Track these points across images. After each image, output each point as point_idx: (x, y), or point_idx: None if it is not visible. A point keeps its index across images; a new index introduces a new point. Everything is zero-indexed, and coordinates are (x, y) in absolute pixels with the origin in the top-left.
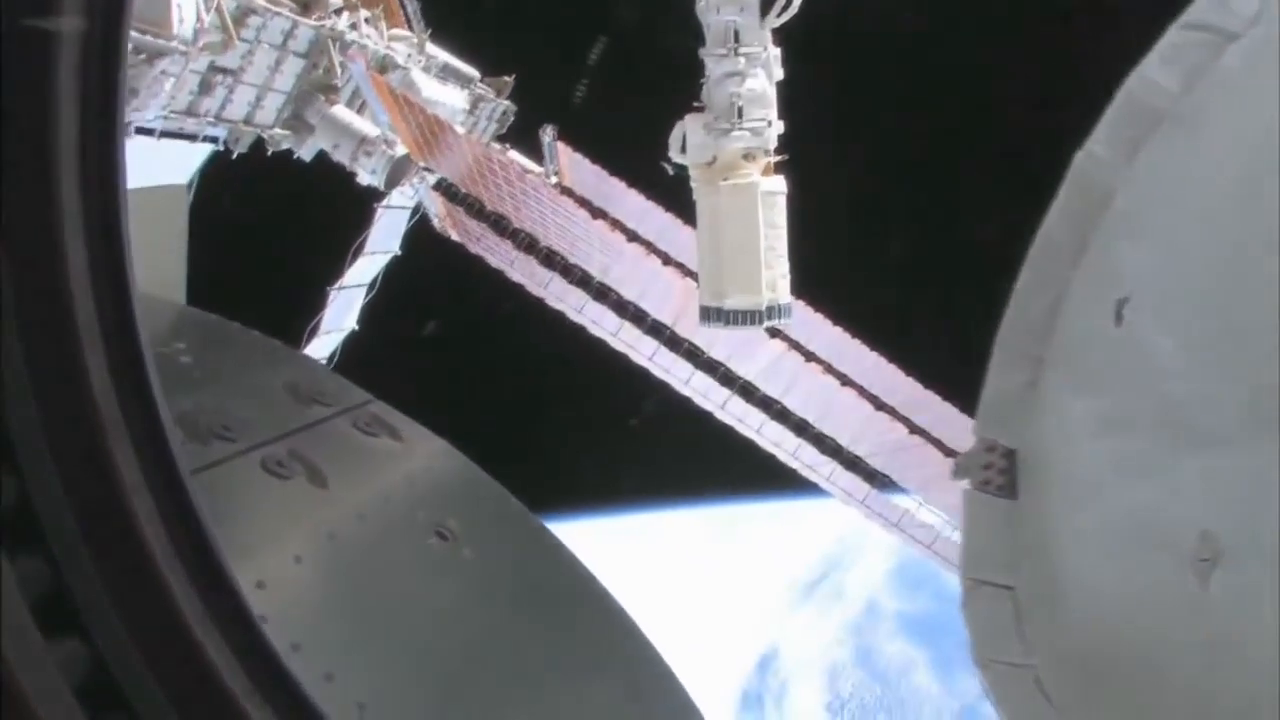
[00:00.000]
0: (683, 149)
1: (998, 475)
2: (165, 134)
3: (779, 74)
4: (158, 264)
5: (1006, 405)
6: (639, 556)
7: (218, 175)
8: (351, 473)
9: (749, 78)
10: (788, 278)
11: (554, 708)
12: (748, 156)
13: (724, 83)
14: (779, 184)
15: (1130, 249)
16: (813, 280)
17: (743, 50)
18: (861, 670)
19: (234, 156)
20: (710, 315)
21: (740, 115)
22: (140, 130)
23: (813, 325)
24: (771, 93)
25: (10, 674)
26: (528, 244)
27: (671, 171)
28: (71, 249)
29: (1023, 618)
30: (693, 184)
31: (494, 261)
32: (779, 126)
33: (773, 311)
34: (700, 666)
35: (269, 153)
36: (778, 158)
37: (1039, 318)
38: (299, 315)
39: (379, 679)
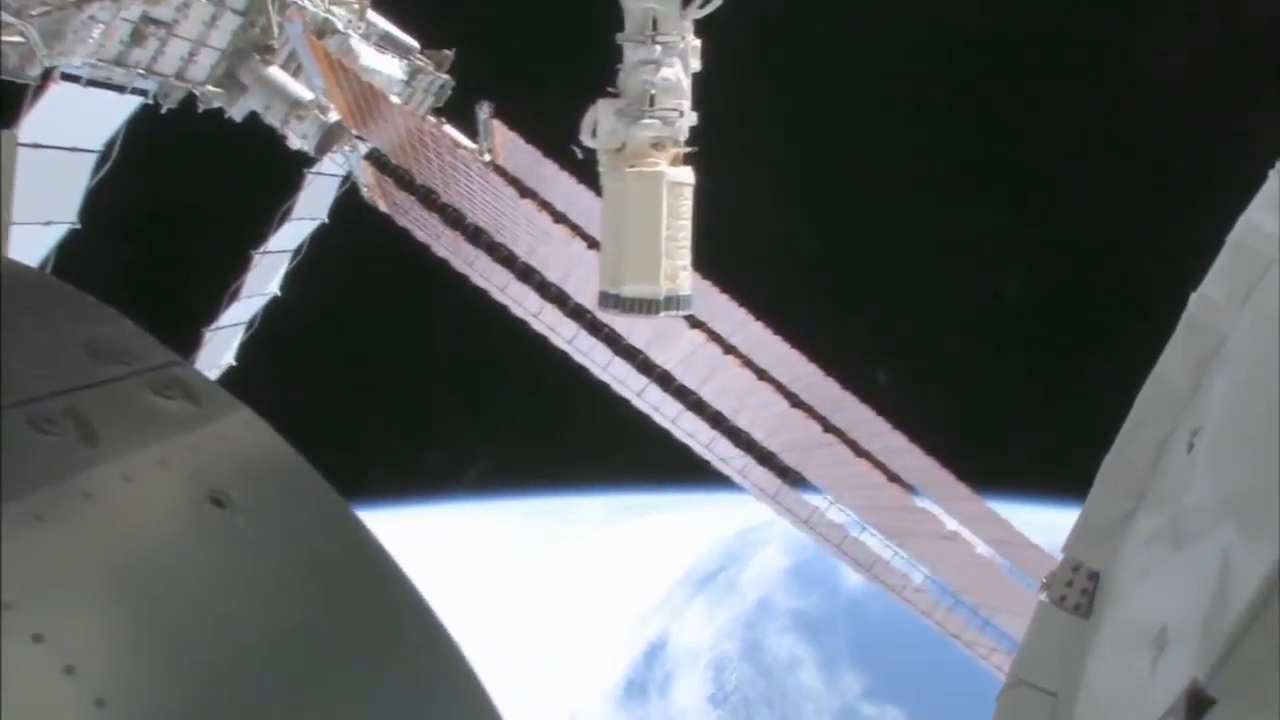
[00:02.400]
0: (594, 133)
1: (1078, 594)
2: (92, 83)
3: (696, 66)
4: None
5: (1099, 532)
6: (544, 539)
7: (144, 129)
8: (130, 434)
9: (664, 67)
10: (689, 269)
11: (316, 694)
12: (657, 145)
13: (638, 70)
14: (686, 175)
15: (1218, 384)
16: (735, 275)
17: (660, 39)
18: (747, 665)
19: (163, 111)
20: (608, 301)
21: (652, 103)
22: (66, 76)
23: (734, 318)
24: (686, 84)
25: None
26: (455, 220)
27: (581, 155)
28: None
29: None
30: (600, 169)
31: (421, 235)
32: (692, 118)
33: (671, 302)
34: (588, 653)
35: (199, 110)
36: (688, 149)
37: (1144, 453)
38: (221, 277)
39: (118, 654)
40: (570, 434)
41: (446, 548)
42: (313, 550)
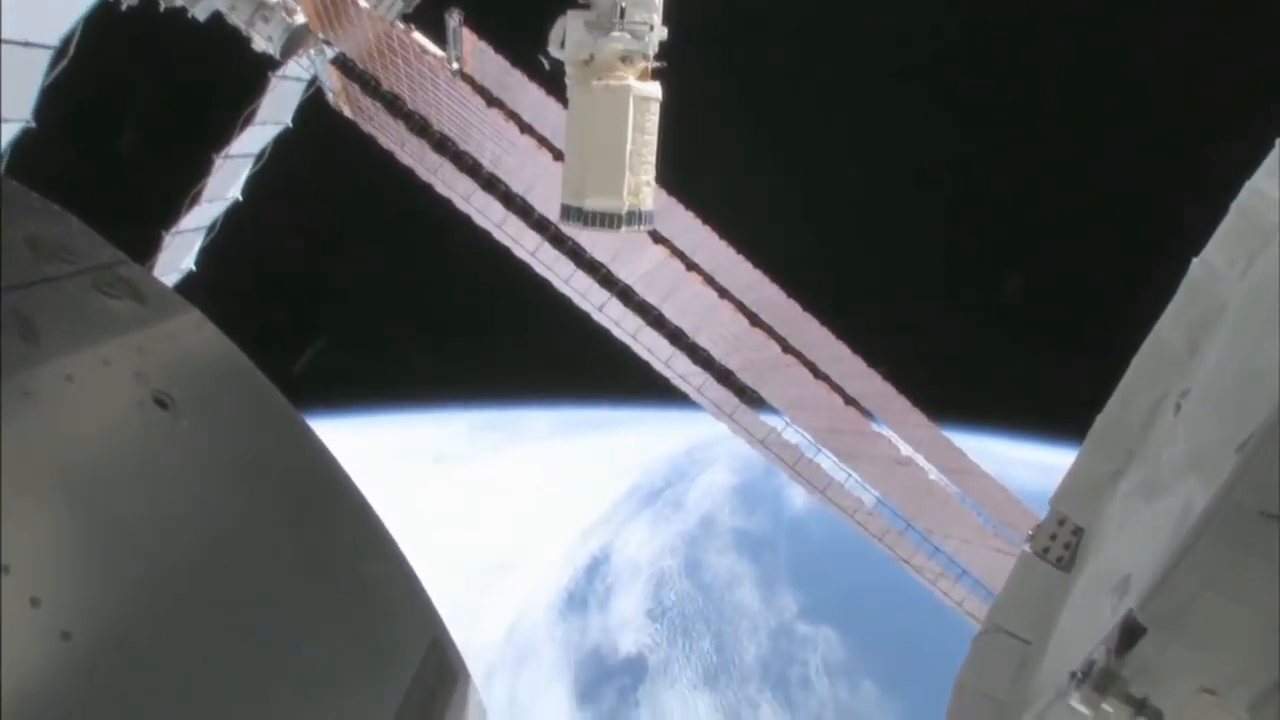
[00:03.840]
0: (563, 44)
1: (1060, 548)
2: None
3: None
4: None
5: (1087, 488)
6: (500, 450)
7: (104, 26)
8: (73, 333)
9: None
10: (652, 185)
11: (254, 596)
12: (625, 59)
13: None
14: (654, 90)
15: (1212, 348)
16: (700, 192)
17: None
18: (687, 581)
19: (124, 8)
20: (569, 214)
21: (622, 16)
22: None
23: (697, 236)
24: None
25: None
26: (420, 127)
27: (549, 66)
28: None
29: (1023, 667)
30: (567, 81)
31: (385, 142)
32: (662, 33)
33: (633, 217)
34: (531, 565)
35: (161, 8)
36: (657, 64)
37: (1138, 414)
38: (182, 181)
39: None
40: (527, 348)
41: (394, 457)
42: (256, 453)
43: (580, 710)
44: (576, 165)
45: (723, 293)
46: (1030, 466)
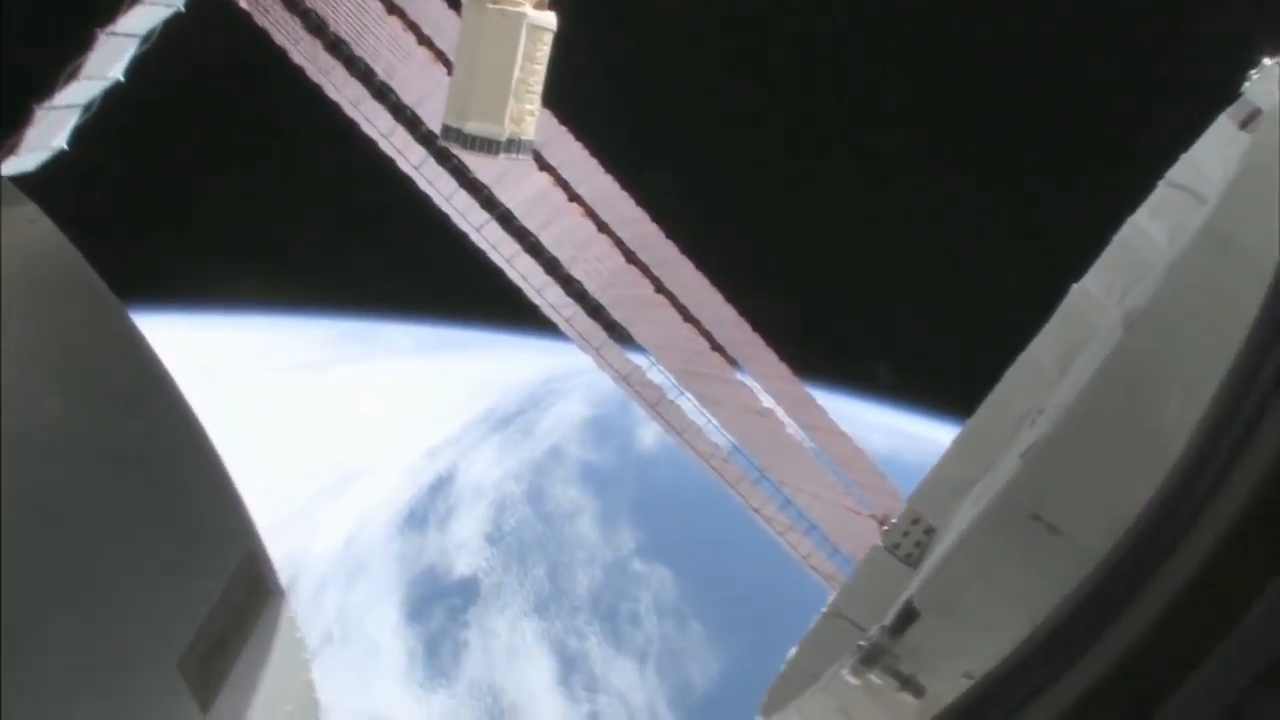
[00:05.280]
0: None
1: (911, 545)
2: None
3: None
4: None
5: (945, 491)
6: (361, 361)
7: None
8: None
9: None
10: (536, 116)
11: (69, 499)
12: None
13: None
14: (548, 20)
15: (1072, 371)
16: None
17: None
18: (529, 508)
19: None
20: (450, 135)
21: None
22: None
23: (584, 167)
24: None
25: None
26: (316, 27)
27: None
28: None
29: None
30: (464, 1)
31: (278, 38)
32: None
33: (512, 145)
34: (373, 480)
35: None
36: None
37: (1002, 427)
38: (60, 54)
39: None
40: (399, 262)
41: (247, 361)
42: (78, 352)
43: (408, 627)
44: (462, 86)
45: (602, 226)
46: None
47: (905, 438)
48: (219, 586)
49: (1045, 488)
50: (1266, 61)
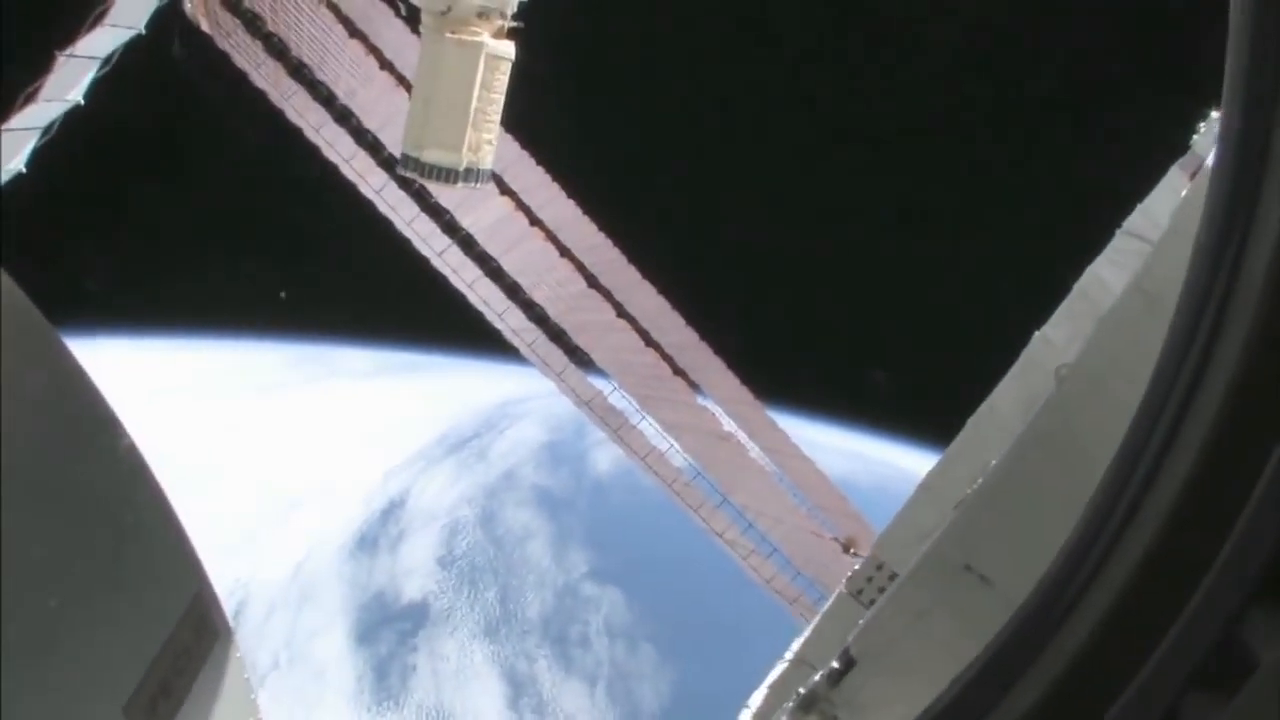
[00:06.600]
0: None
1: (875, 591)
2: None
3: None
4: None
5: (910, 537)
6: (317, 384)
7: None
8: None
9: None
10: (494, 144)
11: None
12: (483, 15)
13: None
14: (507, 50)
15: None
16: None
17: None
18: (481, 532)
19: None
20: (408, 164)
21: None
22: None
23: (546, 193)
24: None
25: None
26: (278, 51)
27: (405, 12)
28: None
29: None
30: (422, 29)
31: (240, 62)
32: None
33: (470, 174)
34: (328, 503)
35: None
36: (514, 24)
37: (965, 474)
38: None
39: None
40: (358, 285)
41: (202, 384)
42: (16, 388)
43: (357, 650)
44: (420, 115)
45: (564, 251)
46: (849, 455)
47: (864, 461)
48: (166, 630)
49: (977, 539)
50: (1214, 114)
